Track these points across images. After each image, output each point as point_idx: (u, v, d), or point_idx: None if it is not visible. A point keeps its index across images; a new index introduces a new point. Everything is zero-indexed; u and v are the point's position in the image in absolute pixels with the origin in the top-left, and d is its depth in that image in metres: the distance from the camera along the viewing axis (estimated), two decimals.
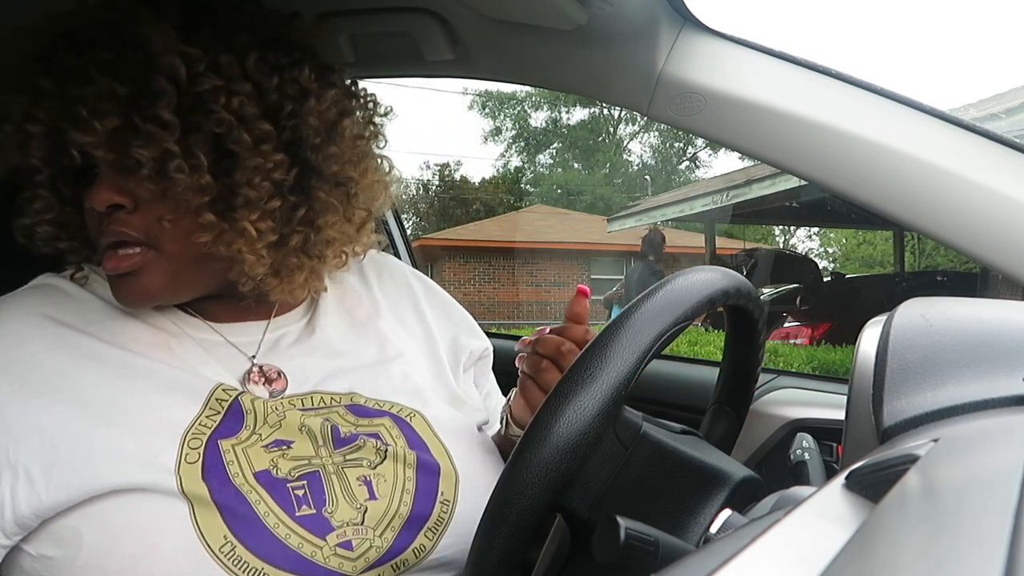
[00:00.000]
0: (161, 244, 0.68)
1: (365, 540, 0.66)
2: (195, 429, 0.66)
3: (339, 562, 0.64)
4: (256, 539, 0.62)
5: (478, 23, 0.99)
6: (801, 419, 1.07)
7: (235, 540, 0.61)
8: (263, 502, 0.64)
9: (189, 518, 0.61)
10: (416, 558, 0.68)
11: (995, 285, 3.32)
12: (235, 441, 0.67)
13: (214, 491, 0.63)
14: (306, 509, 0.65)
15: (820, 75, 0.87)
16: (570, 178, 28.03)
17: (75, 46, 0.66)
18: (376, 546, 0.66)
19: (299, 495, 0.65)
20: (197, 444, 0.65)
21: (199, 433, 0.66)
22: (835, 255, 25.51)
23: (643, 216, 12.29)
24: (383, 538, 0.66)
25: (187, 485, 0.62)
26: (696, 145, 27.94)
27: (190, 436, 0.65)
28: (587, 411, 0.50)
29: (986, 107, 5.77)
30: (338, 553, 0.64)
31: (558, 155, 29.38)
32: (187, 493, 0.62)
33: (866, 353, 0.49)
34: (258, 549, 0.62)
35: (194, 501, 0.62)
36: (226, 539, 0.61)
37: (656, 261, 7.04)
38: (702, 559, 0.32)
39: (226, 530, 0.61)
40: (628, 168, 28.91)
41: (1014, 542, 0.22)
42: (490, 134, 29.31)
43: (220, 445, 0.66)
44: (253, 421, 0.69)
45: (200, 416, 0.67)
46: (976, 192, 0.77)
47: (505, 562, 0.50)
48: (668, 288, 0.56)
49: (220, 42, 0.67)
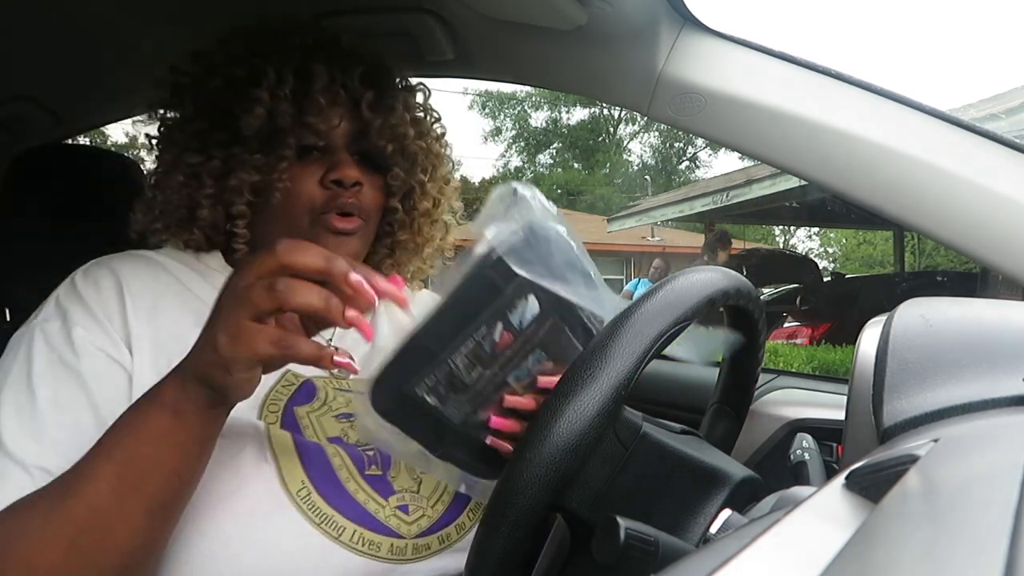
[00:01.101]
0: (369, 221, 0.83)
1: (419, 508, 0.72)
2: (273, 396, 0.73)
3: (397, 523, 0.71)
4: (329, 488, 0.68)
5: (478, 23, 0.99)
6: (801, 419, 1.07)
7: (311, 487, 0.68)
8: (338, 455, 0.70)
9: (273, 463, 0.67)
10: (457, 534, 0.74)
11: (995, 285, 3.32)
12: (309, 409, 0.74)
13: (296, 441, 0.69)
14: (374, 469, 0.72)
15: (820, 75, 0.87)
16: (570, 178, 28.01)
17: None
18: (428, 515, 0.72)
19: (369, 455, 0.72)
20: (275, 409, 0.72)
21: (276, 399, 0.73)
22: (835, 255, 25.53)
23: (643, 216, 12.29)
24: (435, 509, 0.73)
25: (274, 431, 0.69)
26: (696, 145, 27.94)
27: (269, 402, 0.73)
28: (587, 411, 0.50)
29: (986, 107, 5.77)
30: (397, 515, 0.71)
31: (558, 155, 29.39)
32: (273, 438, 0.69)
33: (866, 353, 0.49)
34: (330, 497, 0.68)
35: (278, 449, 0.68)
36: (303, 484, 0.67)
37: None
38: (702, 559, 0.32)
39: (304, 476, 0.68)
40: (628, 168, 28.91)
41: (1014, 542, 0.22)
42: (490, 134, 29.33)
43: (296, 411, 0.73)
44: (324, 395, 0.76)
45: (276, 386, 0.74)
46: (976, 192, 0.77)
47: (505, 562, 0.50)
48: (668, 288, 0.56)
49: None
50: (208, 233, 0.82)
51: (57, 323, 0.70)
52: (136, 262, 0.77)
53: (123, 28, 1.10)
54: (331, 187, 0.79)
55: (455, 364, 0.56)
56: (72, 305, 0.71)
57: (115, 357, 0.69)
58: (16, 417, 0.64)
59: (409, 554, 0.71)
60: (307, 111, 0.78)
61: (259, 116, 0.77)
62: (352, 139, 0.82)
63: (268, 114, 0.77)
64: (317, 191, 0.79)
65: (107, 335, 0.69)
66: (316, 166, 0.80)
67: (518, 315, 0.56)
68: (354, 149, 0.82)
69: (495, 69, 1.10)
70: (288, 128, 0.78)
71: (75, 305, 0.71)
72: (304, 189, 0.79)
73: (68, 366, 0.67)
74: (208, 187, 0.79)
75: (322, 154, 0.81)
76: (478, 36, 1.02)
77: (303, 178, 0.79)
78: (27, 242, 1.11)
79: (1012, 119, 4.95)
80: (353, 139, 0.82)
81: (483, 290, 0.55)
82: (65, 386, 0.66)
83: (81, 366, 0.67)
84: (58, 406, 0.65)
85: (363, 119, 0.81)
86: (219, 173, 0.79)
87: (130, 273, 0.75)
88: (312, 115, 0.78)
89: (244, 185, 0.78)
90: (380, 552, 0.69)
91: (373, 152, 0.84)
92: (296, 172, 0.79)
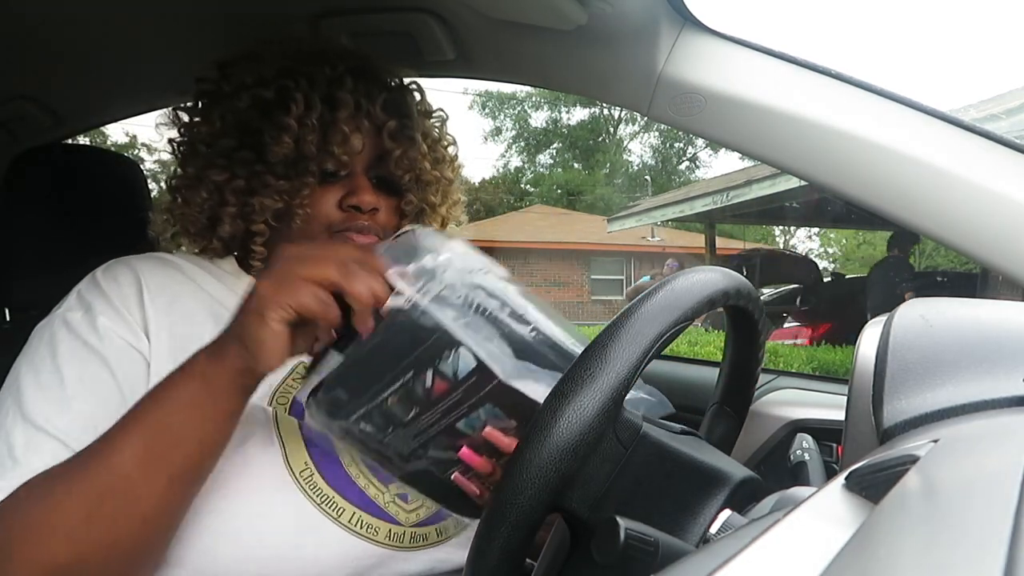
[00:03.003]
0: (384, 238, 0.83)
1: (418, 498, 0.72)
2: (283, 387, 0.77)
3: (396, 510, 0.73)
4: (330, 470, 0.71)
5: (478, 23, 0.99)
6: (801, 419, 1.07)
7: (313, 467, 0.71)
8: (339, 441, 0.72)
9: (279, 445, 0.71)
10: (455, 528, 0.76)
11: (995, 285, 3.32)
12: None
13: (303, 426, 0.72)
14: None
15: (820, 75, 0.87)
16: (570, 178, 28.02)
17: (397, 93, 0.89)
18: (427, 506, 0.74)
19: None
20: (284, 401, 0.75)
21: (287, 391, 0.76)
22: (835, 255, 25.53)
23: (643, 216, 12.29)
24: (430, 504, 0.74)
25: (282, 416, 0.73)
26: (696, 145, 27.95)
27: (279, 393, 0.76)
28: (587, 411, 0.50)
29: (986, 107, 5.77)
30: (396, 502, 0.74)
31: (558, 155, 29.39)
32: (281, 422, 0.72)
33: (866, 354, 0.49)
34: (332, 479, 0.71)
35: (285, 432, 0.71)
36: (306, 464, 0.70)
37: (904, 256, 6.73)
38: (702, 559, 0.32)
39: (307, 457, 0.71)
40: (628, 168, 28.92)
41: (1014, 542, 0.22)
42: (490, 134, 29.34)
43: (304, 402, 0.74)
44: None
45: (287, 379, 0.77)
46: (976, 192, 0.77)
47: (504, 562, 0.50)
48: (668, 288, 0.56)
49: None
50: (227, 243, 0.84)
51: (80, 312, 0.73)
52: (153, 263, 0.80)
53: (123, 28, 1.10)
54: (349, 210, 0.82)
55: (385, 401, 0.57)
56: (94, 298, 0.74)
57: (135, 345, 0.72)
58: (42, 394, 0.67)
59: (407, 542, 0.73)
60: (332, 140, 0.80)
61: (287, 144, 0.79)
62: (371, 164, 0.85)
63: (295, 142, 0.79)
64: (335, 212, 0.82)
65: (127, 324, 0.73)
66: (336, 189, 0.82)
67: (450, 366, 0.56)
68: (372, 173, 0.85)
69: (495, 69, 1.10)
70: (312, 156, 0.80)
71: (97, 298, 0.74)
72: (323, 211, 0.82)
73: (92, 349, 0.70)
74: (231, 205, 0.82)
75: (342, 178, 0.83)
76: (478, 36, 1.02)
77: (323, 201, 0.82)
78: (27, 242, 1.11)
79: (1012, 119, 4.95)
80: (372, 164, 0.85)
81: (407, 337, 0.55)
82: (90, 366, 0.69)
83: (104, 349, 0.70)
84: (84, 383, 0.68)
85: (383, 147, 0.84)
86: (243, 191, 0.81)
87: (148, 271, 0.78)
88: (336, 144, 0.80)
89: (267, 210, 0.81)
90: (378, 536, 0.71)
91: (390, 178, 0.86)
92: (317, 195, 0.82)
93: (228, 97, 0.82)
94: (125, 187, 1.19)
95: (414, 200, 0.89)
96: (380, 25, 1.03)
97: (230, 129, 0.82)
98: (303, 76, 0.80)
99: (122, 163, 1.23)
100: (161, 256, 0.83)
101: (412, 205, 0.89)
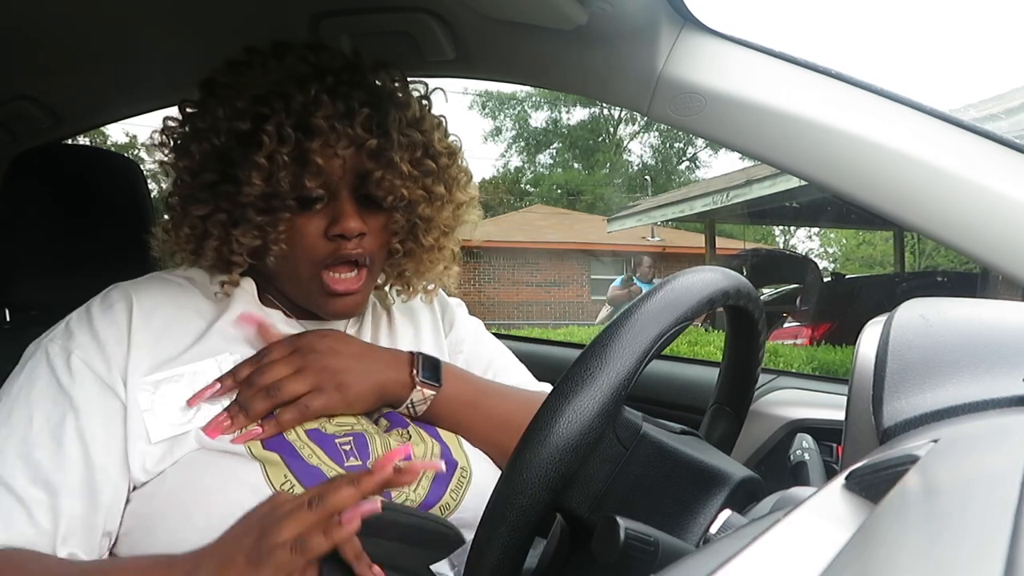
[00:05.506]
0: (373, 265, 0.84)
1: (403, 492, 0.74)
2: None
3: None
4: (312, 480, 0.71)
5: (478, 23, 0.99)
6: (801, 419, 1.07)
7: (294, 479, 0.71)
8: (315, 455, 0.73)
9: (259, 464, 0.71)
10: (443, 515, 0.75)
11: (995, 285, 3.32)
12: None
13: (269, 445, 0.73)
14: (353, 460, 0.74)
15: (820, 75, 0.87)
16: (570, 178, 27.99)
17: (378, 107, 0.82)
18: (411, 499, 0.74)
19: (346, 449, 0.75)
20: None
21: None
22: (835, 255, 25.52)
23: (643, 216, 12.29)
24: (416, 493, 0.75)
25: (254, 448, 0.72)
26: (696, 145, 27.92)
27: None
28: (587, 411, 0.50)
29: (986, 107, 5.76)
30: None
31: (558, 155, 29.36)
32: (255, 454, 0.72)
33: (866, 353, 0.49)
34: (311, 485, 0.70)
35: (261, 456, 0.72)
36: (286, 478, 0.71)
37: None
38: (702, 559, 0.32)
39: (287, 470, 0.71)
40: (628, 168, 28.90)
41: (1014, 542, 0.22)
42: (490, 134, 29.30)
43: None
44: None
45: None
46: (976, 192, 0.77)
47: (505, 562, 0.50)
48: (668, 288, 0.56)
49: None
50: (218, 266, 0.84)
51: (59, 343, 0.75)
52: (153, 285, 0.81)
53: (123, 28, 1.10)
54: (335, 239, 0.79)
55: None
56: (80, 329, 0.76)
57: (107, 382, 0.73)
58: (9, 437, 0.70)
59: None
60: (306, 171, 0.77)
61: (258, 186, 0.76)
62: (354, 185, 0.81)
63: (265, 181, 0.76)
64: (321, 244, 0.80)
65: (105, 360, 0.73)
66: (319, 217, 0.80)
67: None
68: (357, 193, 0.81)
69: (495, 69, 1.10)
70: (285, 193, 0.77)
71: (83, 331, 0.75)
72: (307, 244, 0.80)
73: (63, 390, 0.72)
74: (214, 238, 0.80)
75: (325, 202, 0.80)
76: (478, 36, 1.02)
77: (306, 231, 0.79)
78: (27, 242, 1.11)
79: (1012, 119, 4.94)
80: (355, 185, 0.81)
81: None
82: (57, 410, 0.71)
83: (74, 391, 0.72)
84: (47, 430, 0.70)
85: (365, 167, 0.80)
86: (225, 223, 0.80)
87: (145, 294, 0.78)
88: (310, 177, 0.77)
89: (243, 248, 0.79)
90: None
91: (374, 196, 0.82)
92: (300, 224, 0.79)
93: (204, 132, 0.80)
94: (125, 187, 1.19)
95: (400, 220, 0.85)
96: (380, 25, 1.03)
97: (210, 162, 0.80)
98: (280, 99, 0.77)
99: (122, 163, 1.23)
100: (165, 276, 0.83)
101: (399, 224, 0.86)
